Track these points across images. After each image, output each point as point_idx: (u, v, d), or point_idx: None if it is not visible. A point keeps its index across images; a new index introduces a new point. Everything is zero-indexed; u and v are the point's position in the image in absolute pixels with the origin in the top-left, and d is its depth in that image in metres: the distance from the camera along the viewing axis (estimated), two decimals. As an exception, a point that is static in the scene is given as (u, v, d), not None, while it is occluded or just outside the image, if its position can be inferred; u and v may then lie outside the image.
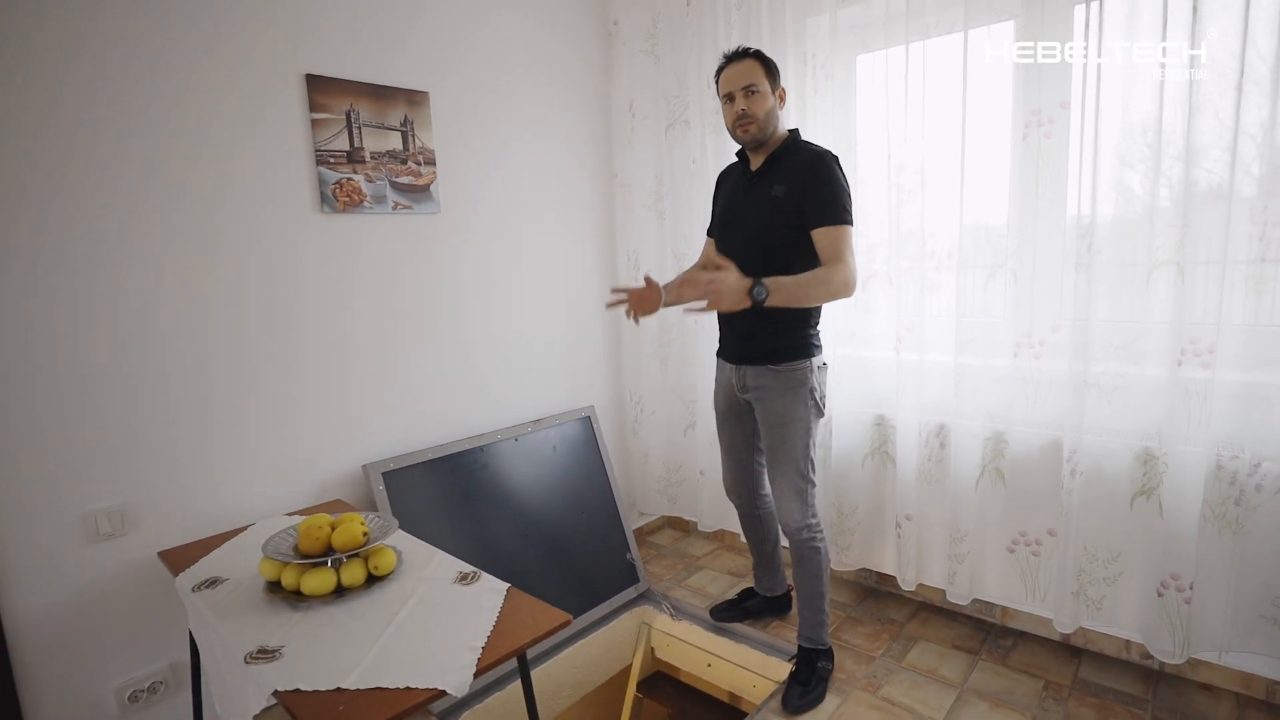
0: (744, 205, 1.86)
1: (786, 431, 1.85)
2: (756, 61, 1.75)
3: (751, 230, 1.83)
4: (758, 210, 1.81)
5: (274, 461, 1.91)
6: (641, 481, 3.05)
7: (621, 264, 2.91)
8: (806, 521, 1.91)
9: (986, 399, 2.03)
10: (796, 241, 1.75)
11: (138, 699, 1.68)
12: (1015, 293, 1.96)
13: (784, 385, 1.84)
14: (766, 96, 1.75)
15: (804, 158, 1.76)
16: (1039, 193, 1.90)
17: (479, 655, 1.16)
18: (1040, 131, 1.86)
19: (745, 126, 1.76)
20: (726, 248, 1.89)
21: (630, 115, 2.75)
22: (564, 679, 2.28)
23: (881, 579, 2.49)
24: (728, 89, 1.77)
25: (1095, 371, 1.84)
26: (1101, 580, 1.90)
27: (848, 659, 2.09)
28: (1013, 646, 2.12)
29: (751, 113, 1.74)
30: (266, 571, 1.41)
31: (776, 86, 1.78)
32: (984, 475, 2.06)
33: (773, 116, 1.78)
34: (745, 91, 1.74)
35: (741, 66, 1.75)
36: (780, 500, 1.91)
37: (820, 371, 1.88)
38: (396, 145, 2.09)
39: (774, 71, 1.78)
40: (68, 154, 1.53)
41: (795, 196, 1.73)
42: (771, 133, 1.79)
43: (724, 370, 2.01)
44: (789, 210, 1.74)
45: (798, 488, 1.88)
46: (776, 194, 1.77)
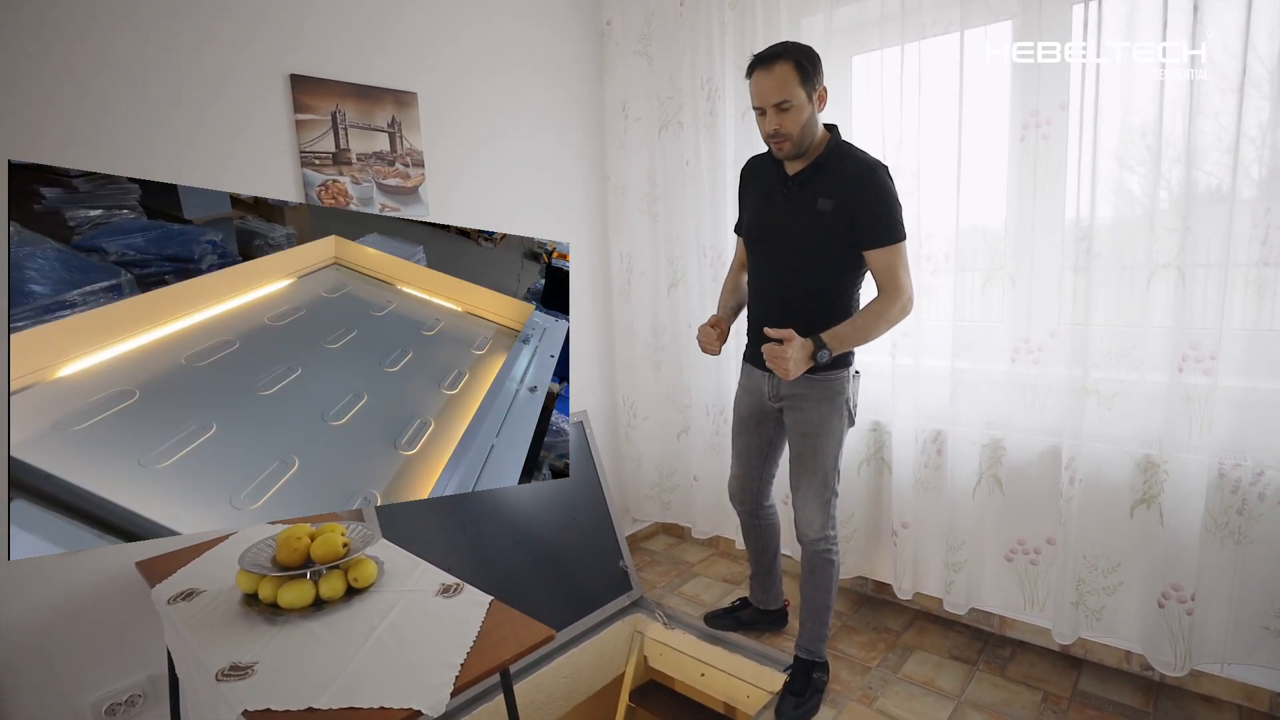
0: (782, 216, 1.73)
1: (819, 441, 1.79)
2: (789, 66, 1.56)
3: (791, 246, 1.72)
4: (801, 224, 1.69)
5: (257, 469, 1.87)
6: (635, 487, 3.01)
7: (615, 267, 2.87)
8: (825, 533, 1.86)
9: (984, 405, 2.00)
10: (843, 257, 1.68)
11: (115, 712, 1.65)
12: (1013, 297, 1.93)
13: (820, 395, 1.77)
14: (802, 109, 1.58)
15: (852, 169, 1.63)
16: (1037, 195, 1.86)
17: (457, 673, 1.13)
18: (1038, 133, 1.83)
19: (780, 145, 1.63)
20: (762, 261, 1.81)
21: (623, 116, 2.72)
22: (555, 689, 2.24)
23: (878, 587, 2.45)
24: (758, 103, 1.61)
25: (1095, 377, 1.80)
26: (1101, 590, 1.86)
27: (843, 669, 2.06)
28: (1011, 657, 2.08)
29: (785, 131, 1.60)
30: (243, 584, 1.37)
31: (815, 88, 1.60)
32: (981, 482, 2.03)
33: (810, 127, 1.62)
34: (777, 108, 1.58)
35: (772, 77, 1.56)
36: (803, 509, 1.86)
37: (854, 380, 1.83)
38: (384, 147, 2.05)
39: (810, 74, 1.58)
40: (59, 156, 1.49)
41: (844, 214, 1.62)
42: (809, 143, 1.65)
43: (753, 377, 1.93)
44: (837, 228, 1.64)
45: (823, 498, 1.83)
46: (823, 208, 1.64)
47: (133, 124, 1.60)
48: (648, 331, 2.83)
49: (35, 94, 1.48)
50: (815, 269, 1.71)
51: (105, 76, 1.56)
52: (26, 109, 1.46)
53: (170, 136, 1.66)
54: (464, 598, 1.37)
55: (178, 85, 1.67)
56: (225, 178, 1.76)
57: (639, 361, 2.88)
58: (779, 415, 1.92)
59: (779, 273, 1.72)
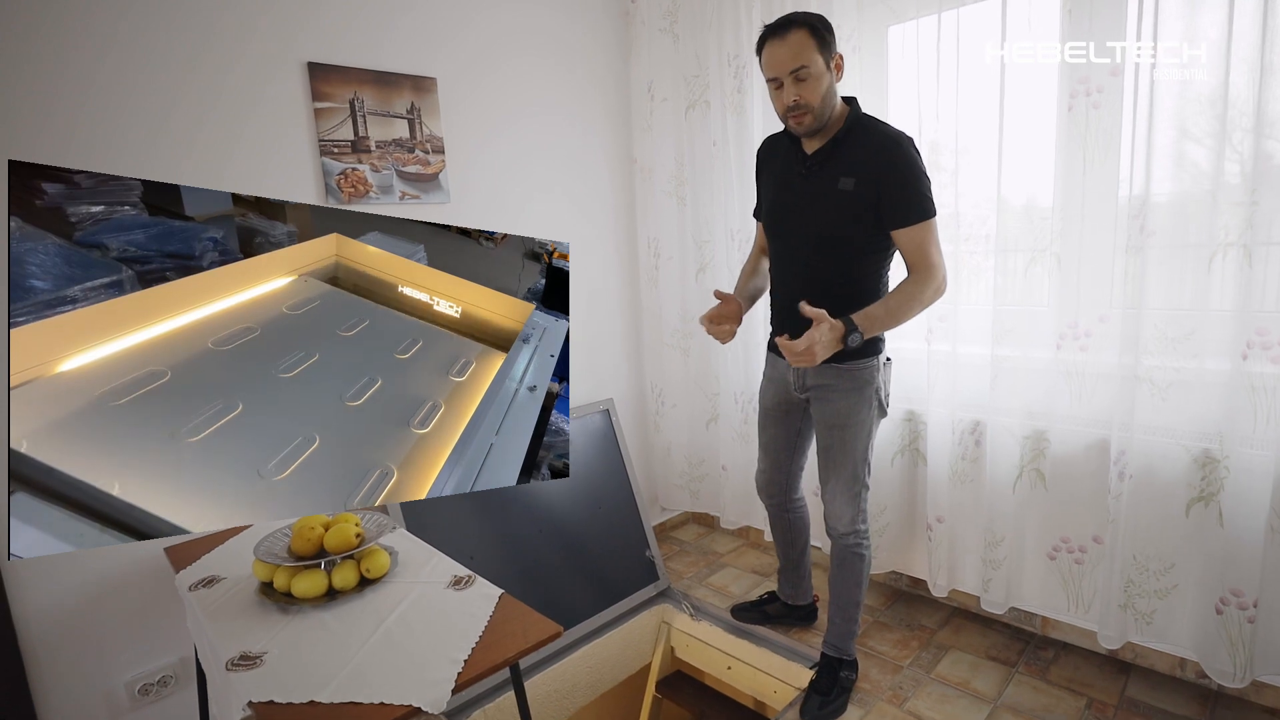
0: (801, 199, 1.65)
1: (847, 433, 1.71)
2: (805, 32, 1.47)
3: (814, 228, 1.64)
4: (822, 205, 1.61)
5: (282, 457, 1.90)
6: (664, 476, 2.97)
7: (642, 252, 2.82)
8: (856, 526, 1.79)
9: (1026, 394, 1.89)
10: (869, 239, 1.60)
11: (148, 692, 1.70)
12: (1059, 279, 1.80)
13: (849, 385, 1.69)
14: (821, 77, 1.48)
15: (874, 143, 1.54)
16: (1087, 169, 1.73)
17: (460, 669, 1.11)
18: (1088, 101, 1.70)
19: (800, 118, 1.52)
20: (783, 245, 1.73)
21: (649, 97, 2.65)
22: (579, 678, 2.23)
23: (913, 581, 2.36)
24: (773, 73, 1.51)
25: (1148, 365, 1.67)
26: (1152, 593, 1.75)
27: (873, 667, 1.99)
28: (1053, 659, 1.98)
29: (806, 102, 1.50)
30: (260, 573, 1.38)
31: (832, 55, 1.50)
32: (1023, 476, 1.92)
33: (830, 97, 1.52)
34: (795, 77, 1.48)
35: (787, 44, 1.47)
36: (832, 502, 1.79)
37: (885, 368, 1.74)
38: (403, 133, 2.04)
39: (826, 39, 1.49)
40: (65, 146, 1.52)
41: (869, 192, 1.53)
42: (830, 115, 1.55)
43: (777, 366, 1.86)
44: (862, 207, 1.55)
45: (852, 491, 1.76)
46: (845, 187, 1.55)
47: (146, 117, 1.61)
48: (676, 318, 2.77)
49: (39, 85, 1.49)
50: (839, 253, 1.63)
51: (115, 68, 1.57)
52: (30, 100, 1.48)
53: (186, 129, 1.67)
54: (474, 590, 1.36)
55: (193, 77, 1.67)
56: (244, 169, 1.76)
57: (667, 348, 2.83)
58: (805, 406, 1.85)
59: (801, 259, 1.65)
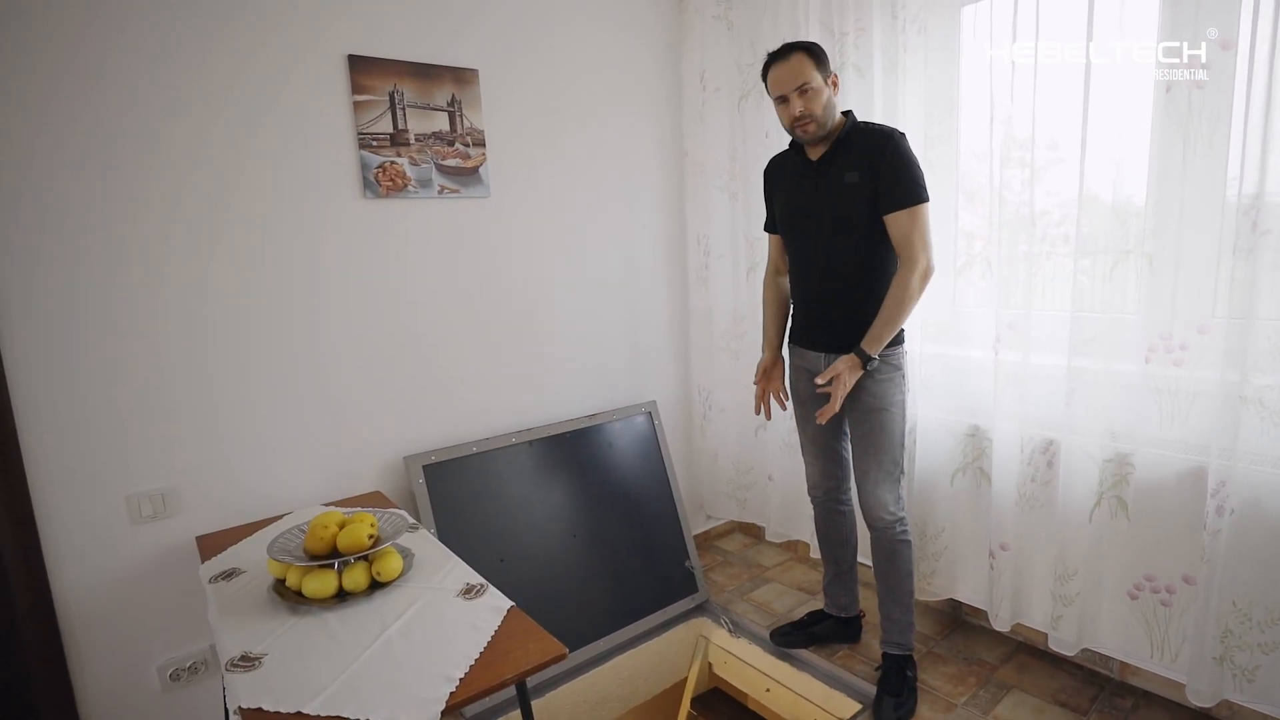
0: (814, 196, 1.78)
1: (885, 417, 1.77)
2: (803, 54, 1.67)
3: (827, 220, 1.76)
4: (832, 199, 1.74)
5: (315, 451, 1.90)
6: (710, 483, 2.85)
7: (691, 249, 2.71)
8: (899, 514, 1.82)
9: (1107, 412, 1.68)
10: (875, 226, 1.71)
11: (179, 677, 1.72)
12: (1150, 283, 1.60)
13: (881, 373, 1.76)
14: (821, 90, 1.68)
15: (871, 140, 1.70)
16: (1187, 159, 1.52)
17: (454, 688, 1.05)
18: (1191, 81, 1.49)
19: (805, 126, 1.70)
20: (799, 243, 1.85)
21: (701, 87, 2.54)
22: (609, 689, 2.16)
23: (972, 610, 2.17)
24: (779, 91, 1.70)
25: (1257, 384, 1.45)
26: (1255, 646, 1.52)
27: (924, 705, 1.82)
28: (1133, 709, 1.76)
29: (810, 112, 1.68)
30: (274, 570, 1.37)
31: (828, 74, 1.71)
32: (1101, 504, 1.72)
33: (830, 109, 1.71)
34: (799, 91, 1.67)
35: (789, 66, 1.67)
36: (872, 492, 1.81)
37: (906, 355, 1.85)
38: (443, 126, 2.01)
39: (823, 60, 1.69)
40: (111, 141, 1.55)
41: (869, 182, 1.69)
42: (831, 124, 1.72)
43: (805, 358, 1.91)
44: (865, 196, 1.69)
45: (894, 477, 1.81)
46: (851, 181, 1.71)
47: (187, 105, 1.63)
48: (726, 319, 2.65)
49: (87, 77, 1.53)
50: (852, 237, 1.74)
51: (155, 62, 1.59)
52: (61, 96, 1.51)
53: (227, 118, 1.68)
54: (484, 601, 1.29)
55: (235, 69, 1.68)
56: (284, 162, 1.77)
57: (717, 351, 2.71)
58: None
59: (820, 245, 1.78)
